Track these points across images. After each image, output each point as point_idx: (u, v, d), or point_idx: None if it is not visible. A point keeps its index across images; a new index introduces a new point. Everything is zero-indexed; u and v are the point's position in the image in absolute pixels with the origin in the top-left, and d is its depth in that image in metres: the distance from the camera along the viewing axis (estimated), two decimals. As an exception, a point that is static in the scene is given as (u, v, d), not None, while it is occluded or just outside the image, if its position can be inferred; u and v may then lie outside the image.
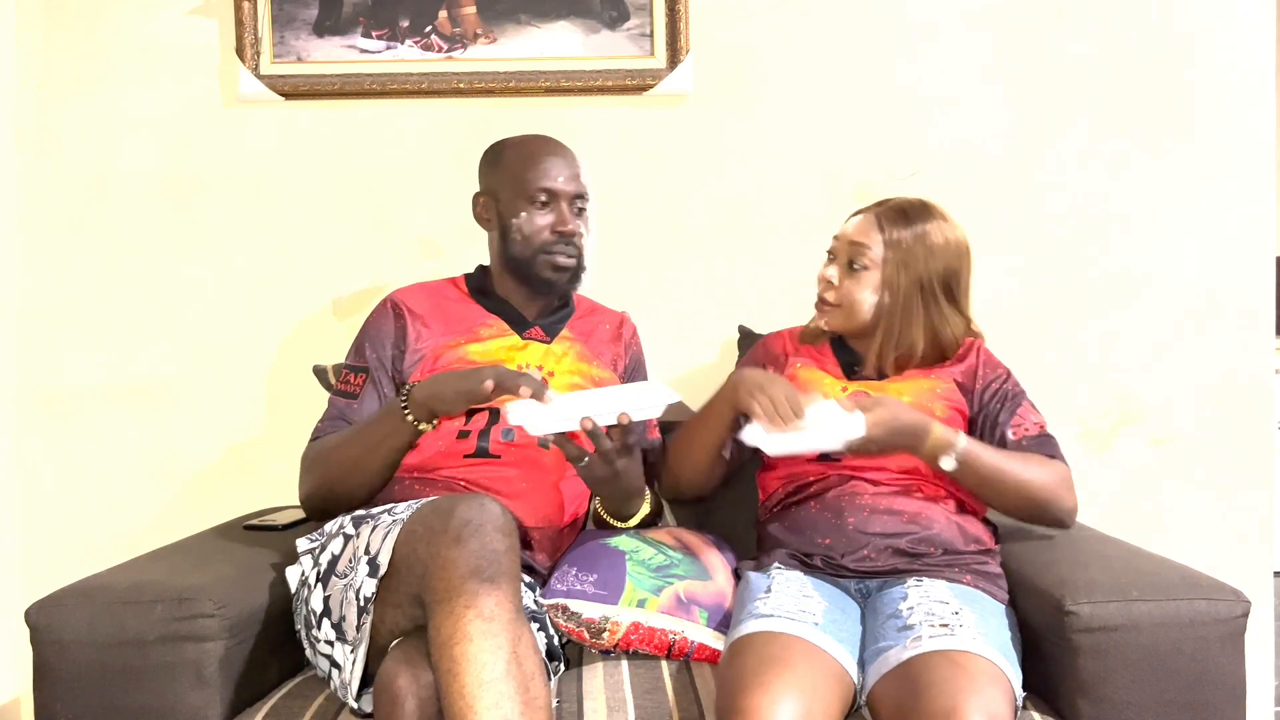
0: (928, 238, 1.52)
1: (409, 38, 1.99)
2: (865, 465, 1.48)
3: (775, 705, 1.13)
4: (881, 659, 1.25)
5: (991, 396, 1.55)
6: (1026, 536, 1.55)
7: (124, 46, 1.99)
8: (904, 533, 1.43)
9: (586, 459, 1.39)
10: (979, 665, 1.18)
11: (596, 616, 1.40)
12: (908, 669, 1.20)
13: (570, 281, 1.61)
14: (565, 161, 1.59)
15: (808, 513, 1.49)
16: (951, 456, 1.42)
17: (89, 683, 1.25)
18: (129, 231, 2.00)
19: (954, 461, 1.42)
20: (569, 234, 1.56)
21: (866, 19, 2.02)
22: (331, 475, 1.48)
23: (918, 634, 1.24)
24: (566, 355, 1.61)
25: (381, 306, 1.62)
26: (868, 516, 1.45)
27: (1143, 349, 2.03)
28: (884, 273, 1.52)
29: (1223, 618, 1.27)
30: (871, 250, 1.52)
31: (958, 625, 1.24)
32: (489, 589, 1.14)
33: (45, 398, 2.00)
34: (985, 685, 1.14)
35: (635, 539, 1.52)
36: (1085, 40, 2.02)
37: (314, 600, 1.32)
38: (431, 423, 1.46)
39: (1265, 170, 2.03)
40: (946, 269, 1.53)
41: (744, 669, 1.20)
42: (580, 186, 1.60)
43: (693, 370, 2.02)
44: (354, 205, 2.02)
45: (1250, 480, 2.02)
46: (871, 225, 1.53)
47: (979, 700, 1.11)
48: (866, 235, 1.53)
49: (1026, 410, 1.54)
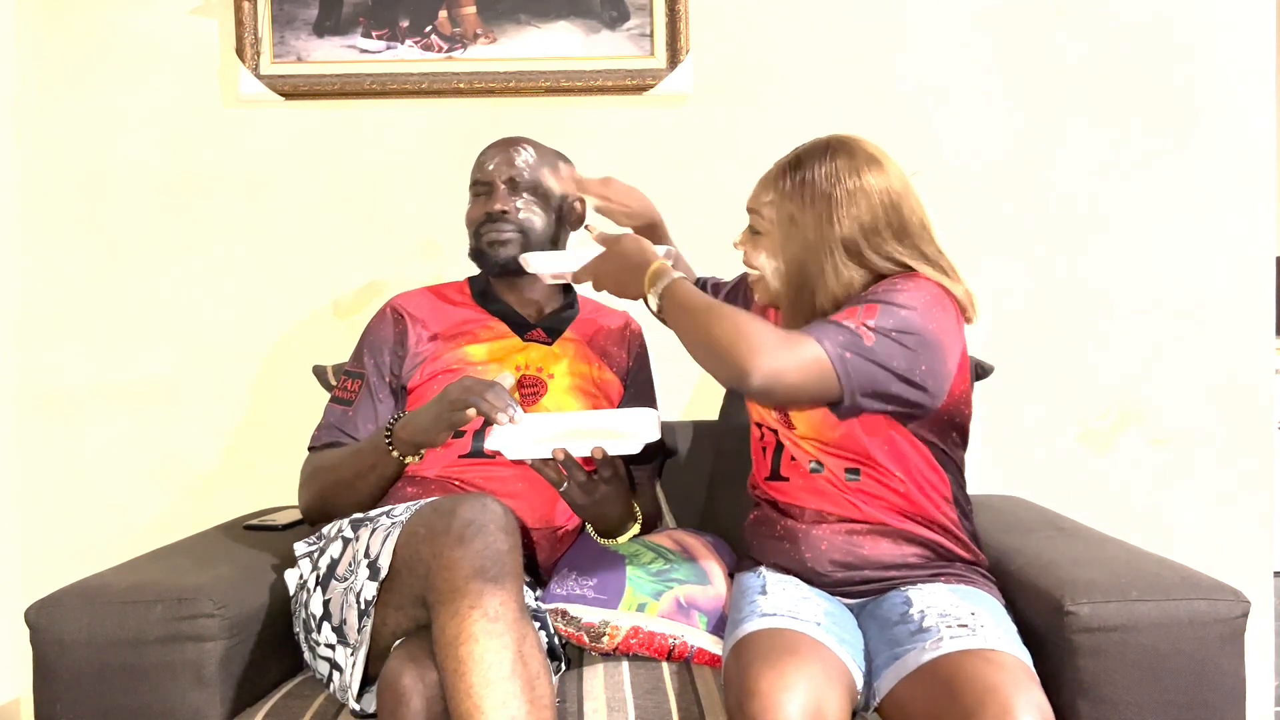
0: (815, 186, 1.31)
1: (409, 38, 1.99)
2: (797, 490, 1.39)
3: (789, 690, 1.11)
4: (899, 663, 1.22)
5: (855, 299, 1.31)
6: (1026, 536, 1.55)
7: (124, 46, 1.99)
8: (864, 565, 1.36)
9: (565, 485, 1.39)
10: (1013, 662, 1.16)
11: (596, 621, 1.40)
12: (934, 670, 1.17)
13: (513, 259, 1.56)
14: (502, 150, 1.61)
15: (772, 531, 1.42)
16: (654, 294, 1.34)
17: (89, 683, 1.25)
18: (129, 231, 2.00)
19: (656, 299, 1.34)
20: (497, 213, 1.57)
21: (866, 19, 2.02)
22: (326, 493, 1.50)
23: (937, 636, 1.21)
24: (568, 357, 1.61)
25: (381, 313, 1.63)
26: (825, 550, 1.37)
27: (1143, 349, 2.03)
28: (779, 236, 1.34)
29: (1223, 618, 1.27)
30: (764, 211, 1.37)
31: (978, 625, 1.22)
32: (493, 589, 1.14)
33: (45, 398, 2.00)
34: (1027, 680, 1.13)
35: (635, 543, 1.52)
36: (1086, 41, 2.02)
37: (313, 604, 1.32)
38: (418, 455, 1.47)
39: (1265, 170, 2.03)
40: (858, 222, 1.31)
41: (756, 656, 1.18)
42: (515, 170, 1.59)
43: (692, 370, 2.01)
44: (354, 205, 2.02)
45: (1250, 480, 2.02)
46: (769, 182, 1.37)
47: (1029, 696, 1.10)
48: (762, 194, 1.38)
49: (869, 311, 1.26)
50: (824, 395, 1.25)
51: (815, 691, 1.12)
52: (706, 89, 2.01)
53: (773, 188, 1.36)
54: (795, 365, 1.22)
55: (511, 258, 1.57)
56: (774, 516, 1.43)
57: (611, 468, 1.39)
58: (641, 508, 1.57)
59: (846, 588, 1.37)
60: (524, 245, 1.58)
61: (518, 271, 1.58)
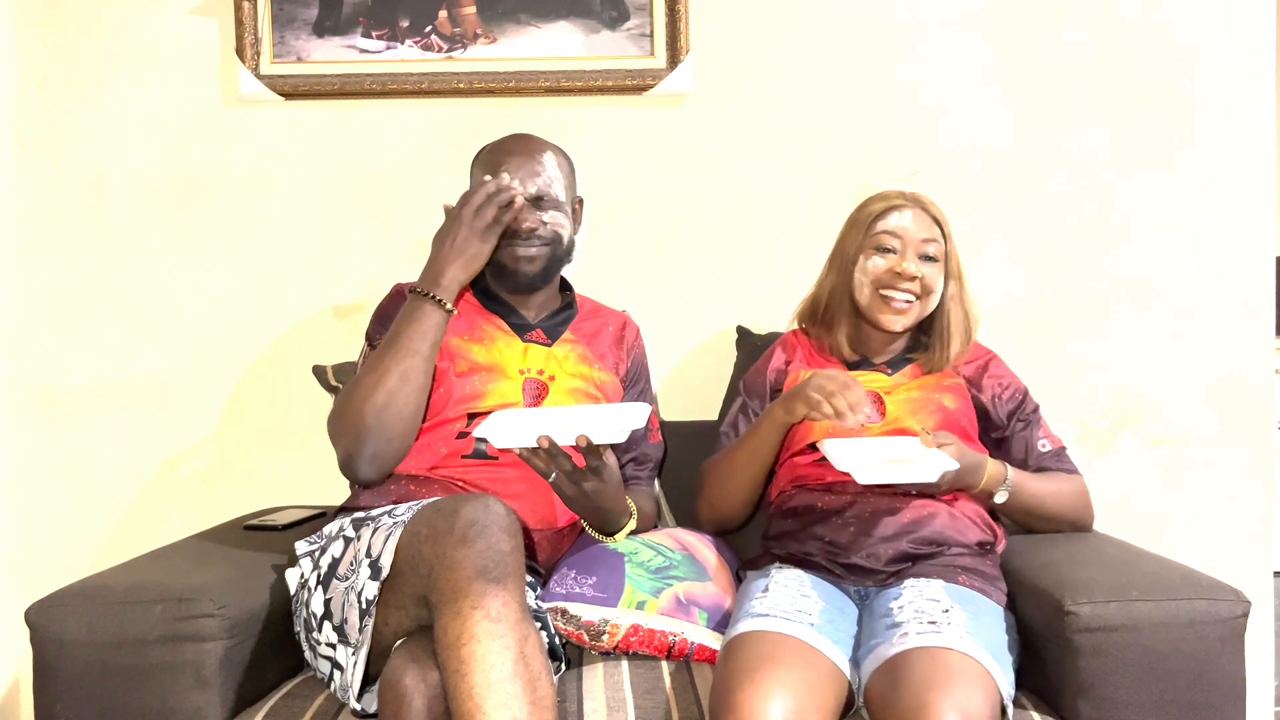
0: (949, 226, 1.59)
1: (409, 38, 1.99)
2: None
3: (766, 702, 1.13)
4: (873, 656, 1.26)
5: (1017, 411, 1.60)
6: (1026, 536, 1.56)
7: (124, 47, 1.99)
8: (905, 533, 1.43)
9: (553, 476, 1.39)
10: (960, 662, 1.17)
11: (596, 619, 1.40)
12: (894, 664, 1.21)
13: (541, 274, 1.59)
14: (524, 163, 1.57)
15: (811, 512, 1.49)
16: (1004, 491, 1.47)
17: (89, 683, 1.25)
18: (129, 231, 2.00)
19: (1006, 494, 1.48)
20: (526, 231, 1.56)
21: (867, 19, 2.02)
22: (365, 411, 1.42)
23: (905, 630, 1.25)
24: (568, 358, 1.61)
25: (393, 293, 1.62)
26: (870, 517, 1.45)
27: (1143, 349, 2.03)
28: (947, 264, 1.56)
29: (1223, 618, 1.27)
30: (937, 242, 1.55)
31: (946, 623, 1.25)
32: (495, 589, 1.14)
33: (45, 397, 2.00)
34: (961, 682, 1.14)
35: (634, 541, 1.52)
36: (1086, 41, 2.02)
37: (314, 603, 1.32)
38: (454, 300, 1.46)
39: (1265, 170, 2.02)
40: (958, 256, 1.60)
41: (736, 667, 1.20)
42: (540, 187, 1.56)
43: (692, 370, 2.02)
44: (354, 205, 2.02)
45: (1250, 480, 2.02)
46: (925, 217, 1.56)
47: (952, 697, 1.11)
48: (930, 229, 1.55)
49: (1045, 425, 1.61)
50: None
51: (796, 700, 1.14)
52: (706, 89, 2.01)
53: (933, 220, 1.57)
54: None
55: (538, 273, 1.58)
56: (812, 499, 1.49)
57: (599, 457, 1.38)
58: (640, 507, 1.57)
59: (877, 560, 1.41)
60: (551, 257, 1.58)
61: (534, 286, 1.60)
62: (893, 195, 1.58)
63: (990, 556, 1.47)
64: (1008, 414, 1.59)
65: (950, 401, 1.54)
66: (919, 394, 1.55)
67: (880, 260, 1.54)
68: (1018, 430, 1.58)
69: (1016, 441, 1.58)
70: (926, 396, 1.54)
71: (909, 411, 1.53)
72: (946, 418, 1.52)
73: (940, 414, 1.52)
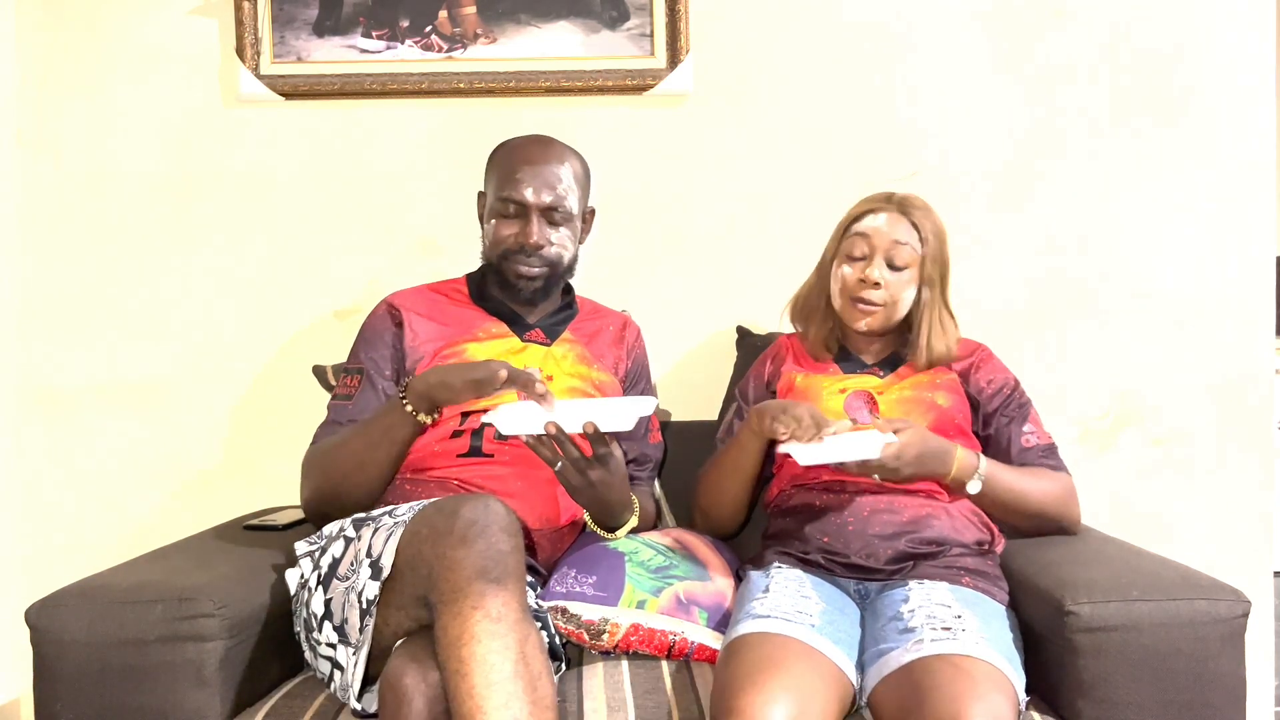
0: (939, 229, 1.57)
1: (409, 38, 1.99)
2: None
3: (768, 706, 1.13)
4: (882, 661, 1.25)
5: (1004, 405, 1.57)
6: (1026, 536, 1.55)
7: (124, 47, 1.99)
8: (904, 533, 1.43)
9: (560, 464, 1.39)
10: (982, 669, 1.17)
11: (596, 618, 1.40)
12: (909, 672, 1.20)
13: (542, 290, 1.60)
14: (541, 172, 1.55)
15: (809, 511, 1.49)
16: (977, 480, 1.46)
17: (89, 683, 1.25)
18: (129, 231, 2.00)
19: (979, 484, 1.46)
20: (532, 246, 1.56)
21: (867, 19, 2.02)
22: (333, 476, 1.48)
23: (919, 637, 1.24)
24: (567, 358, 1.61)
25: (378, 309, 1.62)
26: (868, 516, 1.45)
27: (1143, 349, 2.03)
28: (922, 269, 1.55)
29: (1223, 618, 1.27)
30: (910, 246, 1.53)
31: (960, 629, 1.24)
32: (495, 589, 1.14)
33: (45, 397, 2.00)
34: (989, 690, 1.14)
35: (634, 540, 1.52)
36: (1085, 40, 2.02)
37: (315, 603, 1.32)
38: (433, 415, 1.46)
39: (1265, 170, 2.03)
40: (946, 259, 1.58)
41: (738, 670, 1.20)
42: (556, 198, 1.56)
43: (691, 370, 2.02)
44: (354, 205, 2.01)
45: (1250, 480, 2.03)
46: (902, 221, 1.54)
47: (983, 705, 1.11)
48: (904, 232, 1.54)
49: (1035, 419, 1.58)
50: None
51: (798, 704, 1.14)
52: (706, 89, 2.01)
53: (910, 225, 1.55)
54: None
55: (538, 289, 1.59)
56: (811, 498, 1.50)
57: (606, 446, 1.39)
58: (641, 506, 1.57)
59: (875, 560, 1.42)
60: (551, 275, 1.59)
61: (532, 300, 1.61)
62: (877, 198, 1.58)
63: (990, 556, 1.47)
64: (995, 407, 1.57)
65: (944, 399, 1.54)
66: (912, 393, 1.55)
67: (848, 268, 1.56)
68: (1003, 424, 1.57)
69: (1001, 435, 1.57)
70: (919, 396, 1.54)
71: (903, 411, 1.53)
72: (940, 416, 1.52)
73: (934, 413, 1.52)
